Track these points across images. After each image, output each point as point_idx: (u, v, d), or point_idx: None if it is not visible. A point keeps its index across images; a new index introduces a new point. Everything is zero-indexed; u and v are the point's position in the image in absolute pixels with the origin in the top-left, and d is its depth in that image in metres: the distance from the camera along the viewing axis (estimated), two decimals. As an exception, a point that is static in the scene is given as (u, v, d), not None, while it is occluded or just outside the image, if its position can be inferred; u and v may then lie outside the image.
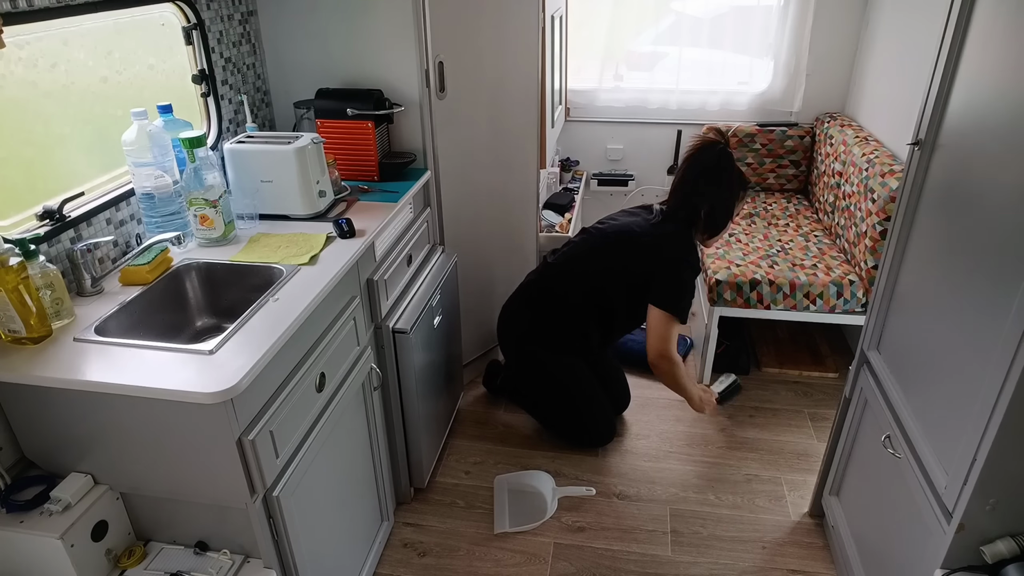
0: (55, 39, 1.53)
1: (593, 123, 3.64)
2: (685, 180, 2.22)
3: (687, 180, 2.22)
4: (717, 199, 2.22)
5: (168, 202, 1.69)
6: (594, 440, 2.50)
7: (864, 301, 2.60)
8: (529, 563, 2.05)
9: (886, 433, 1.64)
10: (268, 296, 1.48)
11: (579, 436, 2.50)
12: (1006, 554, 1.27)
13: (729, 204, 2.24)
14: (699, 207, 2.21)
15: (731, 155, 2.20)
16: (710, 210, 2.22)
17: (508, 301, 2.46)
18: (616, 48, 3.49)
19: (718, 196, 2.22)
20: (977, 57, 1.36)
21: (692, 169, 2.21)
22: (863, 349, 1.84)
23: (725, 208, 2.24)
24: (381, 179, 2.14)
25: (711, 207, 2.21)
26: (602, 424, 2.48)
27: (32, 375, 1.24)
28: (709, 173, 2.19)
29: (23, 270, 1.28)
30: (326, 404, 1.59)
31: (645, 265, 2.22)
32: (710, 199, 2.21)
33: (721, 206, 2.23)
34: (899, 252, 1.66)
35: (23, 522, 1.29)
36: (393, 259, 1.98)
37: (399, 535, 2.14)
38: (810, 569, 2.02)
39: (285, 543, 1.43)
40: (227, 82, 2.05)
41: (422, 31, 2.07)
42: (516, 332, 2.42)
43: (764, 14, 3.27)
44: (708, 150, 2.19)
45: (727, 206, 2.24)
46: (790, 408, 2.69)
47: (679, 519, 2.20)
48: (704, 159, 2.19)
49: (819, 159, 3.25)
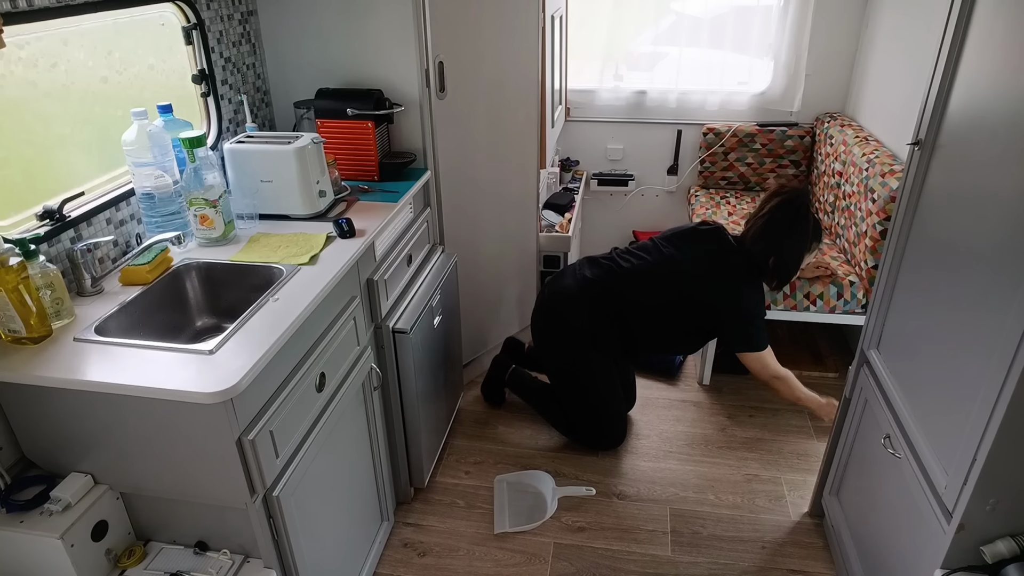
0: (55, 39, 1.53)
1: (593, 123, 3.64)
2: (767, 229, 2.19)
3: (769, 229, 2.19)
4: (791, 251, 2.21)
5: (168, 202, 1.69)
6: (608, 443, 2.48)
7: (864, 301, 2.60)
8: (529, 563, 2.05)
9: (886, 433, 1.64)
10: (268, 296, 1.48)
11: (594, 437, 2.48)
12: (1006, 554, 1.27)
13: (801, 256, 2.24)
14: (771, 256, 2.20)
15: (806, 206, 2.19)
16: (780, 260, 2.21)
17: (561, 289, 2.34)
18: (616, 48, 3.49)
19: (792, 249, 2.21)
20: (977, 57, 1.36)
21: (777, 220, 2.18)
22: (863, 349, 1.84)
23: (796, 260, 2.24)
24: (381, 179, 2.14)
25: (783, 258, 2.21)
26: (619, 427, 2.48)
27: (32, 375, 1.24)
28: (793, 226, 2.18)
29: (23, 270, 1.28)
30: (326, 404, 1.59)
31: (721, 305, 2.21)
32: (784, 250, 2.20)
33: (794, 259, 2.23)
34: (899, 252, 1.66)
35: (23, 522, 1.29)
36: (393, 259, 1.98)
37: (399, 535, 2.14)
38: (810, 569, 2.02)
39: (285, 543, 1.43)
40: (227, 82, 2.05)
41: (422, 31, 2.07)
42: (573, 324, 2.32)
43: (764, 14, 3.27)
44: (794, 202, 2.17)
45: (799, 258, 2.25)
46: (790, 408, 2.69)
47: (679, 519, 2.20)
48: (790, 211, 2.17)
49: (819, 159, 3.25)
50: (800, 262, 2.26)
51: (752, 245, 2.22)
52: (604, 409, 2.41)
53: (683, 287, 2.23)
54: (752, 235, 2.22)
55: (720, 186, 3.57)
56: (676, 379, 2.89)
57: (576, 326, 2.31)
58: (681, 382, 2.88)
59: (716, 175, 3.53)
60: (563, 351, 2.38)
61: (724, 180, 3.54)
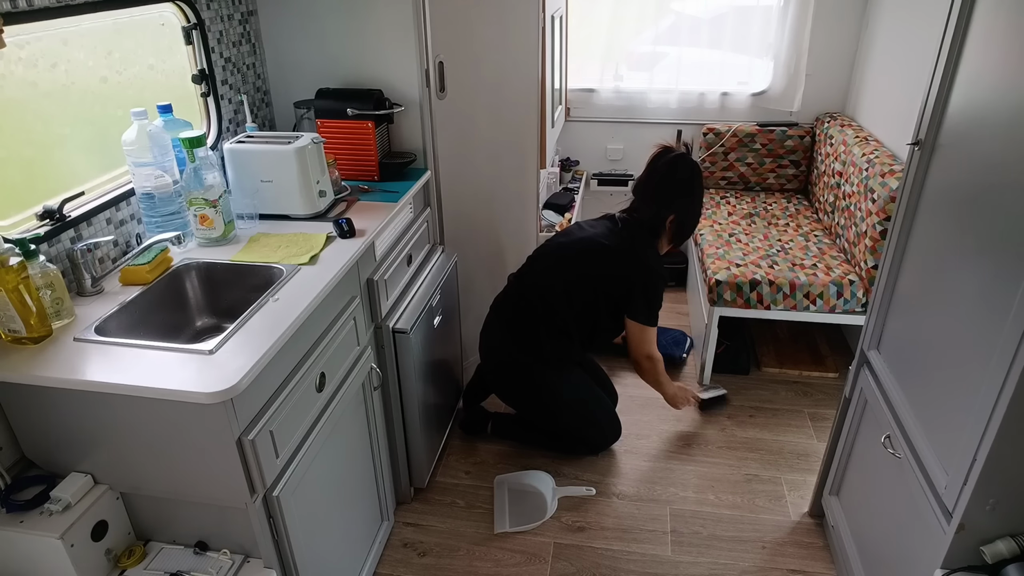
0: (55, 39, 1.53)
1: (593, 123, 3.64)
2: (655, 191, 2.24)
3: (657, 191, 2.23)
4: (687, 210, 2.26)
5: (168, 202, 1.69)
6: (609, 438, 2.48)
7: (864, 301, 2.60)
8: (529, 563, 2.05)
9: (886, 433, 1.64)
10: (268, 296, 1.48)
11: (594, 440, 2.47)
12: (1006, 554, 1.27)
13: (697, 213, 2.29)
14: (666, 218, 2.23)
15: (698, 165, 2.23)
16: (679, 220, 2.25)
17: (485, 329, 2.39)
18: (616, 48, 3.49)
19: (688, 207, 2.26)
20: (977, 57, 1.36)
21: (664, 181, 2.22)
22: (863, 349, 1.84)
23: (693, 218, 2.29)
24: (381, 179, 2.14)
25: (681, 218, 2.25)
26: (614, 421, 2.48)
27: (32, 375, 1.24)
28: (681, 185, 2.22)
29: (23, 270, 1.28)
30: (326, 404, 1.59)
31: (621, 271, 2.23)
32: (680, 210, 2.24)
33: (690, 217, 2.28)
34: (899, 252, 1.66)
35: (23, 522, 1.29)
36: (393, 259, 1.98)
37: (399, 535, 2.14)
38: (810, 569, 2.02)
39: (285, 543, 1.43)
40: (227, 82, 2.05)
41: (422, 31, 2.07)
42: (502, 355, 2.33)
43: (764, 14, 3.27)
44: (679, 161, 2.21)
45: (696, 215, 2.29)
46: (790, 408, 2.69)
47: (679, 519, 2.20)
48: (674, 170, 2.21)
49: (819, 159, 3.25)
50: (699, 217, 2.32)
51: (645, 208, 2.24)
52: (599, 409, 2.42)
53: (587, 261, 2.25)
54: (647, 197, 2.24)
55: (720, 186, 3.57)
56: (676, 379, 2.89)
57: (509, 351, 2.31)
58: (681, 382, 2.87)
59: (716, 175, 3.53)
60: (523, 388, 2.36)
61: (724, 180, 3.54)
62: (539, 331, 2.27)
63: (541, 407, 2.38)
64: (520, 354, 2.30)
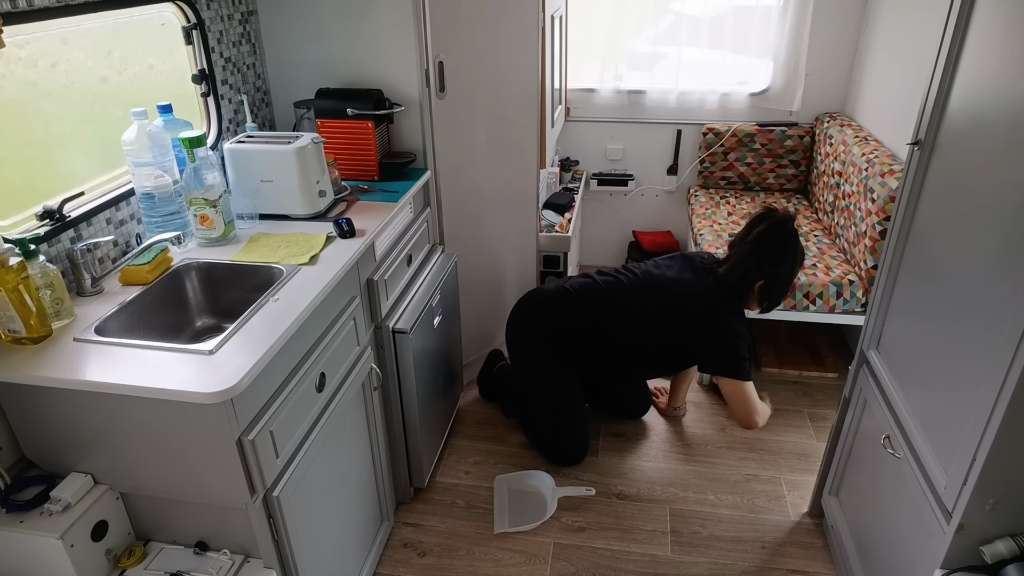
0: (55, 39, 1.53)
1: (593, 123, 3.64)
2: (747, 255, 2.16)
3: (749, 255, 2.15)
4: (776, 279, 2.18)
5: (168, 202, 1.69)
6: (562, 457, 2.41)
7: (864, 301, 2.60)
8: (529, 563, 2.05)
9: (886, 433, 1.64)
10: (268, 296, 1.48)
11: (551, 448, 2.42)
12: (1006, 554, 1.27)
13: (787, 283, 2.22)
14: (754, 283, 2.16)
15: (796, 233, 2.17)
16: (767, 287, 2.18)
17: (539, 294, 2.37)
18: (616, 48, 3.49)
19: (781, 274, 2.18)
20: (977, 57, 1.36)
21: (757, 245, 2.14)
22: (863, 349, 1.84)
23: (782, 287, 2.22)
24: (381, 179, 2.14)
25: (768, 285, 2.18)
26: (575, 442, 2.40)
27: (32, 375, 1.24)
28: (773, 253, 2.15)
29: (23, 270, 1.28)
30: (326, 404, 1.59)
31: (698, 333, 2.17)
32: (769, 278, 2.16)
33: (778, 286, 2.21)
34: (899, 252, 1.66)
35: (23, 522, 1.29)
36: (393, 259, 1.98)
37: (399, 535, 2.14)
38: (810, 569, 2.02)
39: (285, 543, 1.43)
40: (227, 82, 2.05)
41: (422, 31, 2.07)
42: (539, 324, 2.31)
43: (763, 14, 3.27)
44: (780, 228, 2.14)
45: (785, 285, 2.22)
46: (790, 408, 2.70)
47: (679, 519, 2.20)
48: (769, 238, 2.14)
49: (819, 159, 3.25)
50: (791, 286, 2.26)
51: (735, 269, 2.17)
52: (566, 418, 2.36)
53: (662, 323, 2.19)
54: (737, 259, 2.18)
55: (720, 186, 3.57)
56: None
57: (537, 324, 2.31)
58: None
59: (716, 175, 3.53)
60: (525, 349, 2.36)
61: (724, 180, 3.54)
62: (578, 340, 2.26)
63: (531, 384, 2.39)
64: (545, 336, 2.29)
